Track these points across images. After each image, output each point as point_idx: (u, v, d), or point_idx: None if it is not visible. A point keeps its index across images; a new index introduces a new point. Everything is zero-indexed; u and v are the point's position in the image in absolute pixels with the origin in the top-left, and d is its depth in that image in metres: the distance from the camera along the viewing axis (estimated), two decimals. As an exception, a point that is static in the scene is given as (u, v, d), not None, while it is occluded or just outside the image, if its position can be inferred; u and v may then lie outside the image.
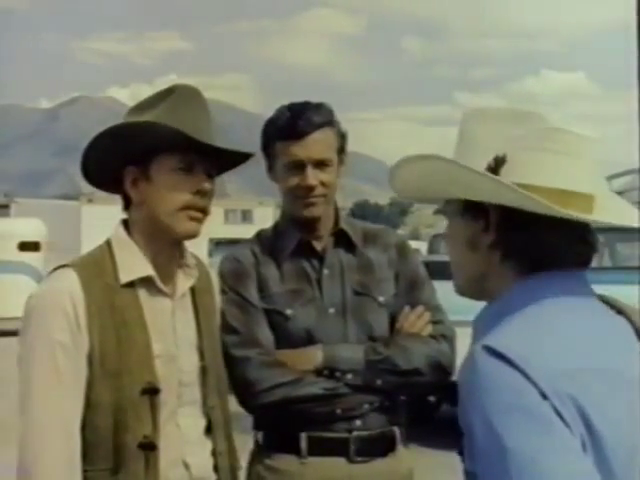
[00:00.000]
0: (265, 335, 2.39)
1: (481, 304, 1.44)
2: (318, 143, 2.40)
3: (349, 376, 2.36)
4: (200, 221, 2.10)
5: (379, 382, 2.38)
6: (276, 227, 2.55)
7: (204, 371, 2.17)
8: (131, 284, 2.06)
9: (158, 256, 2.11)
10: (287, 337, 2.40)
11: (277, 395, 2.32)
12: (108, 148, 2.06)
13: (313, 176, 2.39)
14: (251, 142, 2.51)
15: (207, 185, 2.08)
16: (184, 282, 2.18)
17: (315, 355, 2.37)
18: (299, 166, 2.40)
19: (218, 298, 2.37)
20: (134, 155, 2.07)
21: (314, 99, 2.51)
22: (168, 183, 2.06)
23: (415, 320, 2.47)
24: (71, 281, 2.00)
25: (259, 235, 2.56)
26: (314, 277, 2.46)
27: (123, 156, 2.08)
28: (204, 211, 2.10)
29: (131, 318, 2.03)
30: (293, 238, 2.48)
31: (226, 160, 2.18)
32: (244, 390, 2.36)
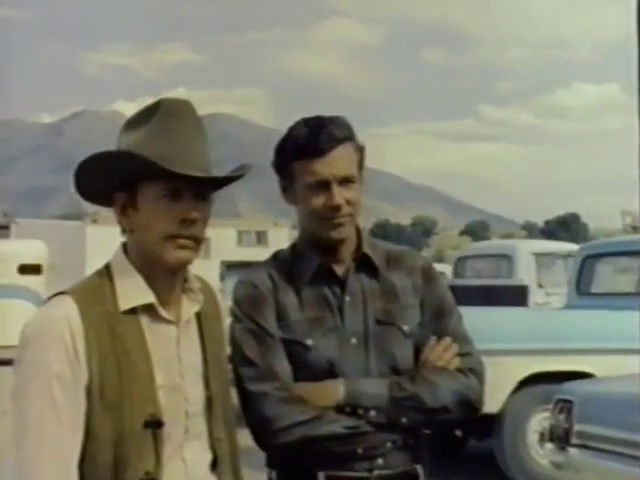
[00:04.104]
0: (283, 368, 2.37)
1: (509, 329, 1.43)
2: (342, 159, 2.38)
3: (372, 413, 2.33)
4: (191, 248, 2.08)
5: (404, 420, 2.36)
6: (294, 249, 2.53)
7: (210, 401, 2.17)
8: (132, 311, 2.06)
9: (158, 282, 2.10)
10: (307, 369, 2.38)
11: (296, 434, 2.30)
12: (94, 175, 2.08)
13: (339, 195, 2.37)
14: (267, 158, 2.50)
15: (195, 213, 2.06)
16: (189, 308, 2.17)
17: (336, 390, 2.35)
18: (323, 185, 2.37)
19: (226, 323, 2.36)
20: (121, 181, 2.08)
21: (332, 113, 2.49)
22: (153, 211, 2.06)
23: (442, 352, 2.44)
24: (69, 309, 2.00)
25: (276, 257, 2.54)
26: (335, 304, 2.44)
27: (111, 182, 2.09)
28: (194, 239, 2.08)
29: (133, 346, 2.03)
30: (313, 262, 2.46)
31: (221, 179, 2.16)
32: (260, 428, 2.34)
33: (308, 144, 2.37)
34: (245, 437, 2.38)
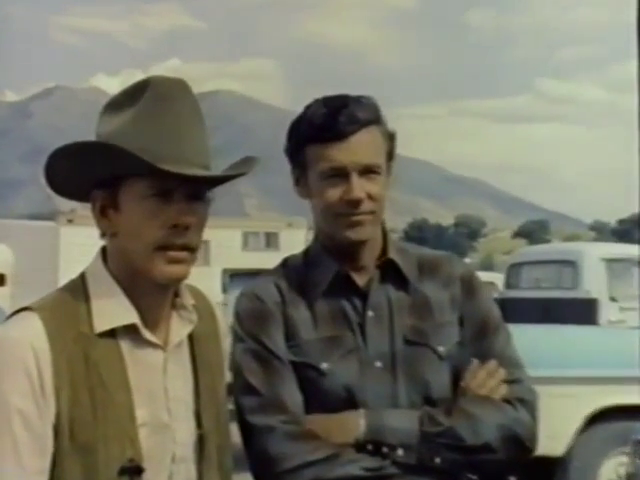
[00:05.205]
0: (292, 397, 2.39)
1: (574, 352, 1.44)
2: (364, 145, 2.41)
3: (399, 452, 2.35)
4: (185, 261, 2.08)
5: (437, 460, 2.37)
6: (307, 254, 2.56)
7: (202, 441, 2.18)
8: (111, 333, 2.06)
9: (144, 297, 2.11)
10: (321, 398, 2.40)
11: (306, 476, 2.31)
12: (67, 171, 2.08)
13: (359, 187, 2.40)
14: (278, 144, 2.53)
15: (188, 218, 2.06)
16: (179, 328, 2.17)
17: (356, 424, 2.37)
18: (341, 174, 2.41)
19: (226, 345, 2.37)
20: (99, 177, 2.09)
21: (357, 90, 2.51)
22: (138, 214, 2.06)
23: (485, 378, 2.46)
24: (34, 330, 2.00)
25: (285, 264, 2.57)
26: (356, 321, 2.46)
27: (88, 179, 2.10)
28: (188, 248, 2.08)
29: (110, 376, 2.04)
30: (329, 269, 2.48)
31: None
32: (264, 469, 2.36)
33: (324, 125, 2.40)
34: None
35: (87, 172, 2.08)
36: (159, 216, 2.05)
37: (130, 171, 2.04)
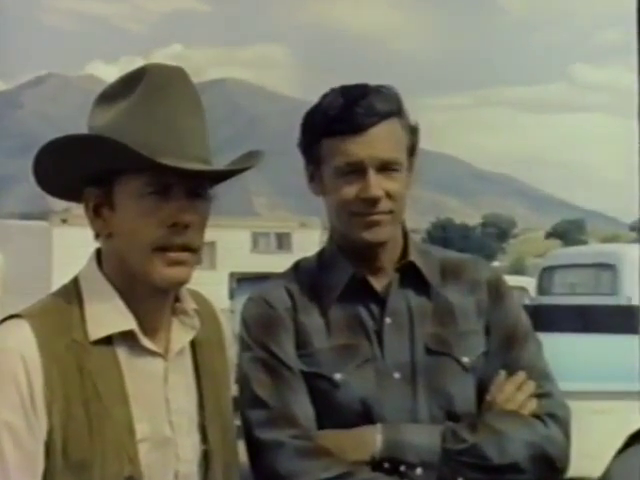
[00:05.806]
0: (304, 410, 2.40)
1: (614, 364, 1.45)
2: (384, 139, 2.43)
3: (418, 471, 2.36)
4: (186, 263, 2.09)
5: None
6: (321, 257, 2.57)
7: (207, 458, 2.19)
8: (107, 340, 2.07)
9: (142, 302, 2.12)
10: (335, 411, 2.41)
11: None
12: (57, 167, 2.09)
13: (377, 184, 2.41)
14: (290, 137, 2.54)
15: (188, 216, 2.07)
16: (181, 335, 2.19)
17: (372, 439, 2.37)
18: (357, 170, 2.42)
19: (232, 353, 2.38)
20: (92, 174, 2.09)
21: (377, 78, 2.51)
22: (134, 213, 2.07)
23: (513, 392, 2.46)
24: (23, 339, 2.01)
25: (297, 268, 2.58)
26: (372, 328, 2.47)
27: (80, 175, 2.11)
28: (189, 249, 2.09)
29: (106, 387, 2.05)
30: (344, 273, 2.49)
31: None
32: None
33: (341, 117, 2.41)
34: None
35: (79, 168, 2.09)
36: (157, 214, 2.06)
37: (127, 166, 2.05)
